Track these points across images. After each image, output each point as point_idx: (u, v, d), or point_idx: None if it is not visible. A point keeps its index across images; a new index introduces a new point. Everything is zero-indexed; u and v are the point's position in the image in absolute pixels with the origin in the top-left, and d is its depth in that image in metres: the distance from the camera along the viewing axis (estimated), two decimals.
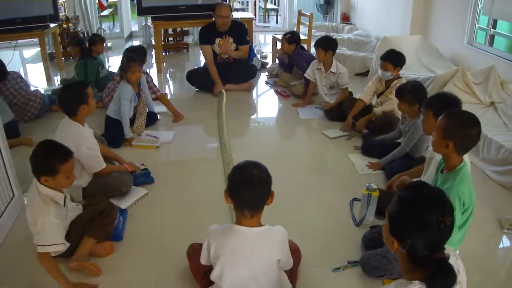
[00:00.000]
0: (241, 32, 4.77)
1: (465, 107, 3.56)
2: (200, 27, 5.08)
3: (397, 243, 1.30)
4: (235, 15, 5.73)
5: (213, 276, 1.79)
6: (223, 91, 4.69)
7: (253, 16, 5.75)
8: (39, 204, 2.08)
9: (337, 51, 5.13)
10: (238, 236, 1.72)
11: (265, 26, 8.19)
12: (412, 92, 2.97)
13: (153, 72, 5.75)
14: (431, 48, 4.85)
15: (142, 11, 5.39)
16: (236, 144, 3.68)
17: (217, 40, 4.71)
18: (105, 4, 6.35)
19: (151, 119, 4.06)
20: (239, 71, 4.81)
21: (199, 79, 4.86)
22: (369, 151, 3.38)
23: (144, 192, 3.01)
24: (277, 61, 5.52)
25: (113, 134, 3.70)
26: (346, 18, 6.90)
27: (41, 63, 5.41)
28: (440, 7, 5.06)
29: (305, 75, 4.28)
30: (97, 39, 4.72)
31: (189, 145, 3.75)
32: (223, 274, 1.76)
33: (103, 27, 7.07)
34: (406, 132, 3.07)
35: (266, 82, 5.15)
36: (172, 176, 3.24)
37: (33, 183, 2.18)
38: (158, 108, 4.28)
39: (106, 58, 6.38)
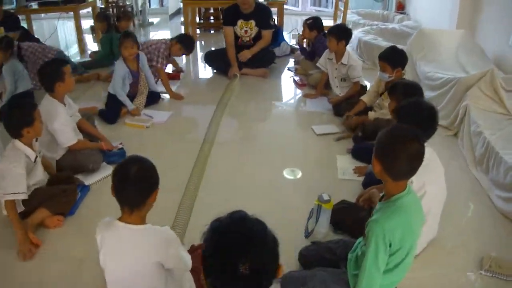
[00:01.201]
0: (264, 15, 4.57)
1: (488, 116, 3.19)
2: None
3: None
4: None
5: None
6: (238, 75, 4.58)
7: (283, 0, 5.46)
8: (12, 156, 2.32)
9: (372, 41, 4.83)
10: (114, 231, 1.66)
11: (317, 10, 7.82)
12: (403, 92, 2.59)
13: None
14: (474, 46, 4.29)
15: None
16: (225, 131, 3.61)
17: (239, 22, 4.56)
18: None
19: (153, 98, 4.06)
20: (257, 56, 4.65)
21: (215, 61, 4.80)
22: (359, 155, 3.07)
23: (111, 171, 2.99)
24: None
25: (108, 111, 3.78)
26: (401, 7, 6.38)
27: (90, 35, 5.62)
28: (490, 1, 4.46)
29: (317, 64, 4.01)
30: (123, 16, 4.81)
31: (178, 130, 3.69)
32: (105, 269, 1.72)
33: (147, 2, 7.13)
34: None
35: (289, 69, 4.91)
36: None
37: (9, 146, 2.38)
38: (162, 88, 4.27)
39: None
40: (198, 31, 6.56)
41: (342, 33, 3.65)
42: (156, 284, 1.71)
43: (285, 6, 7.71)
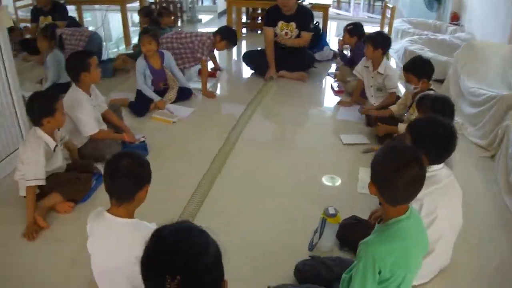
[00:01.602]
0: (305, 18, 4.47)
1: None
2: None
3: None
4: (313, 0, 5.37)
5: None
6: (274, 77, 4.50)
7: (329, 3, 5.31)
8: (32, 143, 2.41)
9: (417, 51, 4.61)
10: (102, 222, 1.69)
11: (369, 17, 7.57)
12: (431, 106, 2.43)
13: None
14: None
15: None
16: (252, 130, 3.59)
17: (280, 23, 4.48)
18: None
19: (184, 94, 4.08)
20: (296, 59, 4.56)
21: (254, 61, 4.75)
22: None
23: None
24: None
25: (138, 104, 3.85)
26: (455, 18, 6.02)
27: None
28: None
29: (354, 71, 3.86)
30: (164, 12, 4.88)
31: (205, 126, 3.69)
32: (91, 258, 1.76)
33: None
34: None
35: (328, 74, 4.77)
36: (165, 155, 3.23)
37: (30, 132, 2.50)
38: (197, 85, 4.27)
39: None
40: (244, 30, 6.54)
41: (379, 41, 3.48)
42: (140, 279, 1.69)
43: (336, 11, 7.61)
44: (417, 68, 2.99)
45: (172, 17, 5.00)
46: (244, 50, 5.73)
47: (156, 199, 2.66)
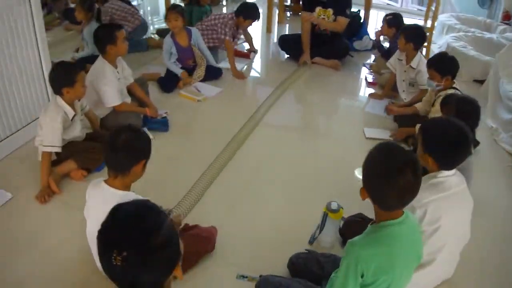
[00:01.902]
0: (343, 4, 4.31)
1: None
2: None
3: None
4: None
5: None
6: (308, 63, 4.42)
7: None
8: (52, 111, 2.49)
9: (460, 48, 4.39)
10: (98, 191, 1.77)
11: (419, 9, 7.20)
12: (456, 107, 2.31)
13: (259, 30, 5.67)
14: None
15: None
16: (275, 114, 3.57)
17: (317, 9, 4.36)
18: None
19: (214, 73, 4.07)
20: (331, 47, 4.43)
21: (289, 45, 4.66)
22: None
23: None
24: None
25: (166, 79, 3.88)
26: (507, 17, 5.63)
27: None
28: None
29: (387, 63, 3.71)
30: None
31: (229, 107, 3.68)
32: (87, 223, 1.85)
33: None
34: None
35: (364, 64, 4.62)
36: (185, 132, 3.27)
37: (51, 100, 2.61)
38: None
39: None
40: (288, 14, 6.42)
41: (412, 34, 3.31)
42: None
43: (383, 1, 7.31)
44: (441, 64, 2.86)
45: None
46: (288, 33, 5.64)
47: (167, 174, 2.74)
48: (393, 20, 3.92)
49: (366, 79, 4.25)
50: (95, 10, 4.10)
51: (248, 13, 4.18)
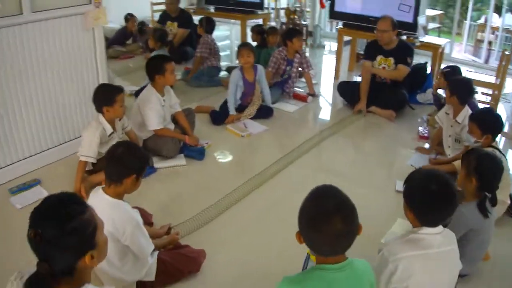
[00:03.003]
0: (405, 53, 4.26)
1: None
2: None
3: None
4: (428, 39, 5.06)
5: None
6: (363, 111, 4.40)
7: (440, 43, 4.93)
8: (92, 126, 2.84)
9: None
10: (95, 195, 1.99)
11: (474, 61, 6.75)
12: (477, 162, 2.19)
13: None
14: None
15: (333, 14, 5.40)
16: (308, 157, 3.58)
17: (379, 58, 4.36)
18: (325, 3, 6.53)
19: (265, 112, 4.23)
20: (388, 96, 4.36)
21: (347, 92, 4.67)
22: None
23: (182, 163, 3.32)
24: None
25: (218, 113, 4.12)
26: None
27: None
28: None
29: (435, 117, 3.57)
30: (271, 31, 5.07)
31: (270, 145, 3.81)
32: None
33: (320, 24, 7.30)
34: None
35: (423, 118, 4.46)
36: (217, 162, 3.40)
37: (94, 117, 2.95)
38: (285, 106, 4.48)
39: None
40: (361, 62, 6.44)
41: (457, 86, 3.18)
42: (109, 251, 1.88)
43: (468, 57, 7.01)
44: (484, 120, 2.71)
45: (278, 37, 5.16)
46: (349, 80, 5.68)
47: (188, 196, 2.91)
48: (450, 73, 3.78)
49: (418, 132, 4.10)
50: (166, 40, 4.52)
51: (288, 34, 4.50)
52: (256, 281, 2.20)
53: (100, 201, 1.89)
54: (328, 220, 1.32)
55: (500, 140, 3.99)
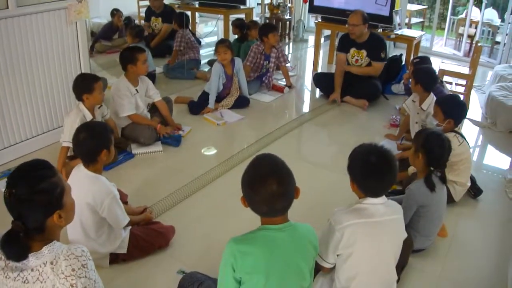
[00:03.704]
0: (377, 46, 4.43)
1: None
2: None
3: None
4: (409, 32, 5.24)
5: None
6: (337, 101, 4.56)
7: (415, 36, 5.09)
8: (73, 114, 2.97)
9: (500, 98, 4.27)
10: (77, 170, 2.14)
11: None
12: (423, 140, 2.34)
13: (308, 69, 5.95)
14: None
15: (313, 9, 5.57)
16: (280, 142, 3.74)
17: (352, 50, 4.53)
18: None
19: (242, 103, 4.39)
20: (362, 86, 4.53)
21: (322, 83, 4.84)
22: None
23: (158, 149, 3.48)
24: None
25: (196, 104, 4.28)
26: None
27: None
28: None
29: (403, 104, 3.74)
30: (252, 25, 5.23)
31: (243, 133, 3.97)
32: None
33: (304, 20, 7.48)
34: None
35: (395, 107, 4.63)
36: (192, 148, 3.58)
37: (75, 105, 3.07)
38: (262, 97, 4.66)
39: None
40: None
41: (420, 75, 3.35)
42: (86, 222, 2.12)
43: (447, 50, 7.18)
44: (448, 105, 2.83)
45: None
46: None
47: (164, 180, 3.06)
48: (419, 63, 3.94)
49: (390, 120, 4.27)
50: (143, 36, 4.68)
51: (263, 30, 4.70)
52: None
53: (81, 176, 2.06)
54: (263, 182, 1.47)
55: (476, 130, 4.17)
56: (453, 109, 2.83)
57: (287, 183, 1.50)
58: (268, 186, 1.46)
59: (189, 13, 6.21)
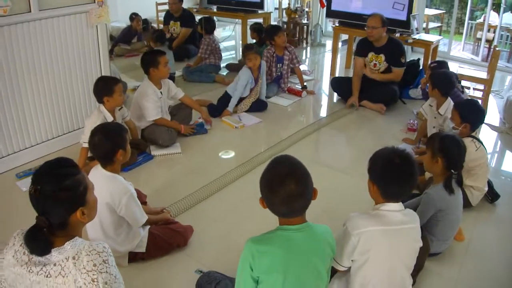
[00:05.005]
0: (396, 51, 4.43)
1: None
2: None
3: None
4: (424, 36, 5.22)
5: None
6: (355, 105, 4.57)
7: (432, 40, 5.06)
8: (93, 115, 3.04)
9: None
10: (95, 171, 2.19)
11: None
12: (439, 144, 2.34)
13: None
14: None
15: (330, 13, 5.58)
16: (297, 146, 3.76)
17: (370, 54, 4.53)
18: (325, 2, 6.71)
19: (259, 106, 4.43)
20: (379, 91, 4.53)
21: (340, 87, 4.85)
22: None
23: (177, 151, 3.54)
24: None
25: (215, 106, 4.34)
26: None
27: None
28: None
29: (420, 109, 3.73)
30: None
31: (261, 136, 4.01)
32: None
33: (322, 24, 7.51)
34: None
35: (413, 112, 4.62)
36: (210, 153, 3.62)
37: (95, 107, 3.15)
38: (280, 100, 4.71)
39: None
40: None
41: (438, 80, 3.34)
42: (105, 222, 2.17)
43: (465, 54, 7.12)
44: (466, 110, 2.82)
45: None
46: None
47: (181, 181, 3.11)
48: (437, 68, 3.92)
49: (407, 124, 4.26)
50: (164, 41, 4.76)
51: (269, 34, 4.76)
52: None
53: (99, 176, 2.10)
54: (282, 182, 1.49)
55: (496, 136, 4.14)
56: (471, 113, 2.82)
57: (305, 183, 1.52)
58: (286, 186, 1.48)
59: None
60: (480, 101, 4.62)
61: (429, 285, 2.26)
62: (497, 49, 4.59)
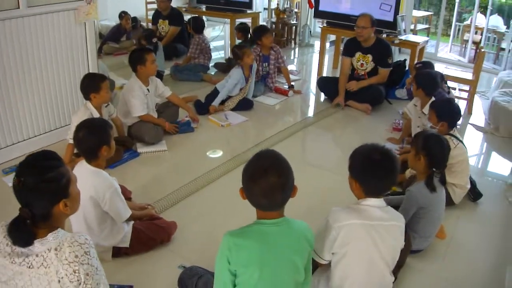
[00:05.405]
0: (383, 52, 4.47)
1: None
2: None
3: None
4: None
5: None
6: (341, 105, 4.61)
7: (419, 41, 5.12)
8: (80, 112, 3.04)
9: (502, 103, 4.29)
10: (80, 166, 2.19)
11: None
12: (423, 142, 2.37)
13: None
14: None
15: (318, 14, 5.62)
16: (282, 144, 3.77)
17: (357, 54, 4.57)
18: (313, 2, 6.75)
19: (246, 105, 4.45)
20: (365, 91, 4.57)
21: (327, 87, 4.88)
22: None
23: (163, 148, 3.54)
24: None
25: (203, 103, 4.34)
26: None
27: None
28: None
29: (404, 108, 3.78)
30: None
31: (246, 135, 4.03)
32: None
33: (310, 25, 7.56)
34: None
35: (399, 112, 4.66)
36: (195, 151, 3.63)
37: (82, 104, 3.15)
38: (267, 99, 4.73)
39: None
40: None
41: (422, 80, 3.39)
42: (89, 216, 2.18)
43: (452, 56, 7.20)
44: (442, 108, 2.87)
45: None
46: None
47: (167, 177, 3.10)
48: (422, 68, 3.98)
49: (392, 124, 4.30)
50: (151, 39, 4.78)
51: (256, 35, 4.80)
52: None
53: (83, 171, 2.12)
54: (264, 172, 1.50)
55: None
56: (446, 112, 2.86)
57: (287, 177, 1.54)
58: (268, 177, 1.49)
59: None
60: (465, 102, 4.71)
61: (411, 282, 2.29)
62: (483, 50, 4.66)
